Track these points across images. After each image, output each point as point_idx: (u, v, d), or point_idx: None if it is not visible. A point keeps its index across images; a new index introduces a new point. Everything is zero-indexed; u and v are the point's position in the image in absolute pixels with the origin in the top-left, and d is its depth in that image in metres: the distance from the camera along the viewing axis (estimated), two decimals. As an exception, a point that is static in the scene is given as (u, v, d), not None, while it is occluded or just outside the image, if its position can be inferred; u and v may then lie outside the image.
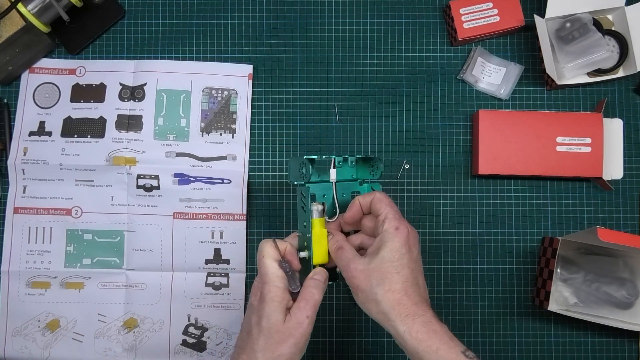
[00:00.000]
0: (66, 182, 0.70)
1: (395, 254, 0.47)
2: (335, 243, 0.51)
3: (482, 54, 0.72)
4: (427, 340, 0.45)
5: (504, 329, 0.70)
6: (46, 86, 0.72)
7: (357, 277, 0.48)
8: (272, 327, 0.47)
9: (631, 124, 0.72)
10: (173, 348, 0.69)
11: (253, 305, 0.50)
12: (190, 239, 0.70)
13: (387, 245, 0.48)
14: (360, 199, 0.52)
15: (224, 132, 0.71)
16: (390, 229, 0.48)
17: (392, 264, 0.47)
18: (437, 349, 0.45)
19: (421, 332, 0.45)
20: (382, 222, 0.49)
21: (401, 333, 0.45)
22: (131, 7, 0.74)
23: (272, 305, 0.48)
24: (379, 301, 0.47)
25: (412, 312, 0.46)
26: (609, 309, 0.66)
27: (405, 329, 0.45)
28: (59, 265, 0.70)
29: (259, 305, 0.48)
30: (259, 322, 0.48)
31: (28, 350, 0.69)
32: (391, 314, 0.46)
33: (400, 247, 0.47)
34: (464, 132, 0.72)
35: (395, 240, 0.48)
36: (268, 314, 0.47)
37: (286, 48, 0.73)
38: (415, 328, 0.45)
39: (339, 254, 0.50)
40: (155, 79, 0.72)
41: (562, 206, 0.71)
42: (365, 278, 0.47)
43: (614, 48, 0.70)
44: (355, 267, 0.48)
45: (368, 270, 0.47)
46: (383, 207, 0.50)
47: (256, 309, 0.49)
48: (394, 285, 0.47)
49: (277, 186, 0.72)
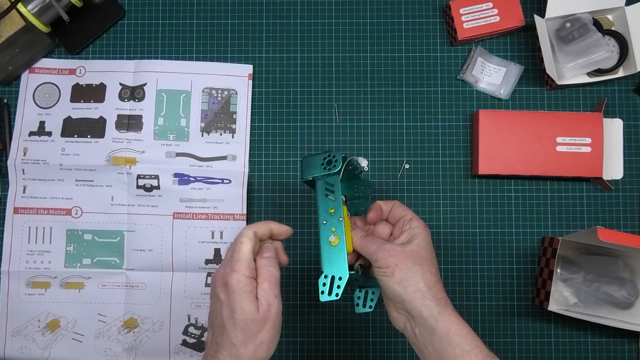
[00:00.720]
0: (66, 182, 0.70)
1: (427, 245, 0.50)
2: (361, 231, 0.53)
3: (482, 54, 0.72)
4: (459, 324, 0.47)
5: (504, 329, 0.70)
6: (46, 86, 0.72)
7: (395, 255, 0.49)
8: (247, 317, 0.46)
9: (631, 124, 0.72)
10: (173, 348, 0.69)
11: (220, 298, 0.47)
12: (190, 239, 0.70)
13: (421, 236, 0.50)
14: (382, 203, 0.55)
15: (224, 132, 0.71)
16: (420, 226, 0.51)
17: (427, 251, 0.50)
18: (466, 333, 0.47)
19: (453, 316, 0.47)
20: (409, 220, 0.52)
21: (435, 314, 0.47)
22: (131, 7, 0.74)
23: (243, 295, 0.46)
24: (418, 279, 0.48)
25: (444, 297, 0.49)
26: (609, 309, 0.66)
27: (440, 310, 0.47)
28: (59, 265, 0.70)
29: (228, 297, 0.47)
30: (233, 316, 0.46)
31: (28, 350, 0.69)
32: (428, 293, 0.48)
33: (429, 242, 0.51)
34: (464, 132, 0.72)
35: (426, 235, 0.51)
36: (241, 306, 0.46)
37: (286, 48, 0.73)
38: (448, 311, 0.47)
39: (368, 239, 0.51)
40: (155, 79, 0.72)
41: (562, 206, 0.71)
42: (404, 257, 0.49)
43: (614, 48, 0.70)
44: (392, 247, 0.49)
45: (404, 252, 0.49)
46: (407, 211, 0.53)
47: (225, 302, 0.47)
48: (431, 269, 0.49)
49: (277, 186, 0.72)
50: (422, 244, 0.50)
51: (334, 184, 0.53)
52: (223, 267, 0.49)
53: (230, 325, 0.47)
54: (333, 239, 0.52)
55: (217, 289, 0.48)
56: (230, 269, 0.47)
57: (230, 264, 0.48)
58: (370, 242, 0.51)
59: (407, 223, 0.52)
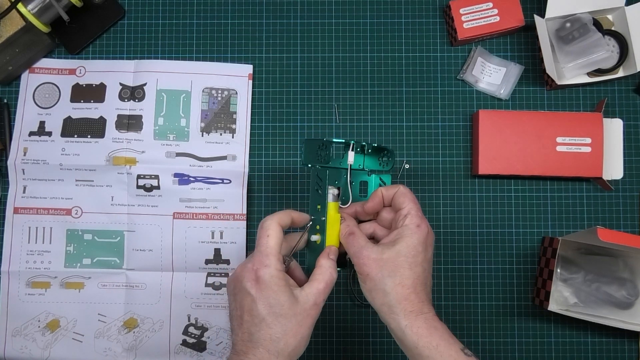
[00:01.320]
0: (66, 182, 0.70)
1: (411, 251, 0.47)
2: (346, 228, 0.51)
3: (482, 54, 0.72)
4: (428, 337, 0.45)
5: (504, 329, 0.70)
6: (46, 86, 0.72)
7: (368, 265, 0.47)
8: (287, 312, 0.45)
9: (631, 124, 0.72)
10: (173, 348, 0.69)
11: (250, 294, 0.45)
12: (190, 239, 0.70)
13: (405, 240, 0.47)
14: (383, 190, 0.52)
15: (224, 132, 0.71)
16: (411, 225, 0.48)
17: (406, 259, 0.47)
18: (437, 345, 0.45)
19: (422, 327, 0.46)
20: (403, 216, 0.49)
21: (402, 327, 0.46)
22: (131, 7, 0.74)
23: (278, 289, 0.45)
24: (387, 293, 0.47)
25: (416, 309, 0.46)
26: (609, 309, 0.66)
27: (407, 324, 0.46)
28: (59, 265, 0.70)
29: (261, 292, 0.45)
30: (272, 310, 0.45)
31: (28, 350, 0.69)
32: (396, 307, 0.46)
33: (417, 244, 0.48)
34: (464, 132, 0.72)
35: (415, 237, 0.48)
36: (278, 300, 0.45)
37: (286, 48, 0.73)
38: (417, 324, 0.46)
39: (350, 239, 0.49)
40: (155, 79, 0.72)
41: (562, 206, 0.71)
42: (377, 267, 0.47)
43: (614, 48, 0.70)
44: (368, 255, 0.47)
45: (381, 260, 0.47)
46: (406, 202, 0.49)
47: (258, 297, 0.45)
48: (405, 280, 0.47)
49: (277, 186, 0.72)
50: (404, 250, 0.47)
51: (322, 178, 0.51)
52: (250, 262, 0.47)
53: (271, 320, 0.45)
54: (315, 237, 0.51)
55: (245, 284, 0.46)
56: (260, 264, 0.46)
57: (259, 258, 0.46)
58: (351, 243, 0.49)
59: (402, 219, 0.49)
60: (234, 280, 0.48)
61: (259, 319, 0.45)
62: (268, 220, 0.48)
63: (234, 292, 0.48)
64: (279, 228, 0.48)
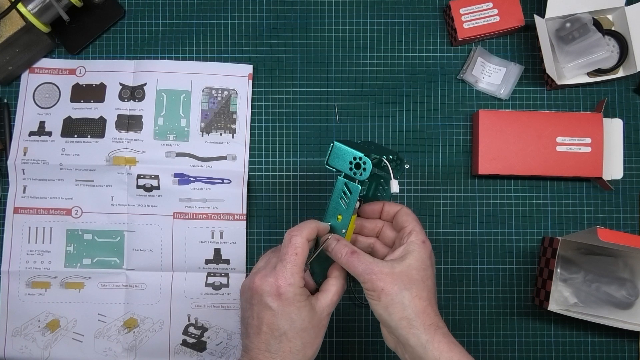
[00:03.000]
0: (66, 182, 0.70)
1: (421, 264, 0.47)
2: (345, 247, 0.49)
3: (482, 54, 0.72)
4: (449, 352, 0.45)
5: (504, 329, 0.70)
6: (46, 86, 0.72)
7: (382, 279, 0.46)
8: (307, 326, 0.46)
9: (631, 124, 0.72)
10: (173, 348, 0.69)
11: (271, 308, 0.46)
12: (190, 239, 0.70)
13: (414, 254, 0.48)
14: (386, 204, 0.53)
15: (224, 132, 0.71)
16: (418, 241, 0.48)
17: (418, 272, 0.47)
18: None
19: (443, 342, 0.45)
20: (408, 233, 0.49)
21: (423, 342, 0.45)
22: (131, 7, 0.74)
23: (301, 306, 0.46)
24: (405, 306, 0.46)
25: (434, 323, 0.46)
26: (609, 309, 0.66)
27: (428, 339, 0.45)
28: (59, 265, 0.70)
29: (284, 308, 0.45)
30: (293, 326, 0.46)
31: (28, 350, 0.69)
32: (416, 320, 0.45)
33: (425, 259, 0.48)
34: (464, 132, 0.72)
35: (422, 252, 0.48)
36: (301, 317, 0.46)
37: (286, 48, 0.73)
38: (437, 338, 0.45)
39: (354, 257, 0.48)
40: (155, 79, 0.72)
41: (562, 206, 0.71)
42: (391, 281, 0.46)
43: (614, 48, 0.70)
44: (381, 270, 0.46)
45: (394, 274, 0.46)
46: (410, 221, 0.50)
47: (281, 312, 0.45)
48: (421, 293, 0.46)
49: (277, 186, 0.72)
50: (415, 263, 0.47)
51: (353, 192, 0.50)
52: (273, 277, 0.46)
53: (292, 335, 0.46)
54: None
55: (266, 299, 0.46)
56: (285, 281, 0.46)
57: (284, 274, 0.46)
58: (357, 261, 0.47)
59: (407, 236, 0.49)
60: (252, 291, 0.47)
61: (279, 332, 0.46)
62: (298, 237, 0.47)
63: (250, 302, 0.47)
64: (307, 246, 0.48)
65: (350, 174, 0.49)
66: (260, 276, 0.47)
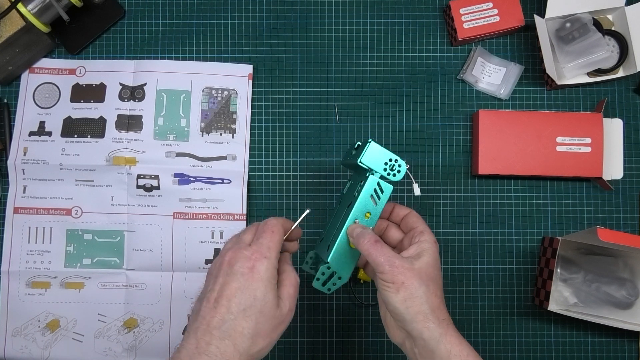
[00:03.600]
0: (66, 182, 0.70)
1: (435, 263, 0.49)
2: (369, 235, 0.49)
3: (482, 54, 0.72)
4: (460, 345, 0.47)
5: (504, 329, 0.70)
6: (46, 86, 0.72)
7: (404, 273, 0.47)
8: (267, 311, 0.44)
9: (631, 124, 0.72)
10: (173, 348, 0.69)
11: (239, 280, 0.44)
12: (190, 239, 0.70)
13: (429, 253, 0.49)
14: (396, 207, 0.55)
15: (224, 132, 0.71)
16: (430, 241, 0.50)
17: (434, 270, 0.49)
18: (467, 354, 0.47)
19: (454, 337, 0.47)
20: (420, 232, 0.51)
21: (437, 335, 0.46)
22: (131, 7, 0.74)
23: (269, 286, 0.45)
24: (423, 301, 0.47)
25: (447, 318, 0.48)
26: (609, 309, 0.66)
27: (442, 332, 0.46)
28: (59, 265, 0.70)
29: (252, 283, 0.44)
30: (254, 304, 0.44)
31: (28, 350, 0.69)
32: (431, 315, 0.47)
33: (436, 259, 0.50)
34: (464, 132, 0.72)
35: (435, 252, 0.50)
36: (265, 296, 0.44)
37: (286, 48, 0.73)
38: (449, 332, 0.47)
39: (377, 247, 0.48)
40: (155, 79, 0.72)
41: (562, 206, 0.71)
42: (412, 276, 0.47)
43: (614, 48, 0.70)
44: (402, 264, 0.47)
45: (412, 269, 0.47)
46: (420, 222, 0.52)
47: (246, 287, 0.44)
48: (437, 291, 0.48)
49: (277, 186, 0.72)
50: (431, 261, 0.49)
51: (385, 192, 0.52)
52: (248, 250, 0.46)
53: (250, 314, 0.43)
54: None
55: (237, 269, 0.44)
56: (260, 254, 0.45)
57: (260, 249, 0.46)
58: (379, 251, 0.48)
59: (418, 235, 0.51)
60: (222, 263, 0.46)
61: (238, 308, 0.43)
62: (274, 220, 0.49)
63: (216, 274, 0.46)
64: (282, 230, 0.49)
65: (385, 174, 0.52)
66: (234, 250, 0.46)
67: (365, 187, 0.52)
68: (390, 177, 0.52)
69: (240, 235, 0.49)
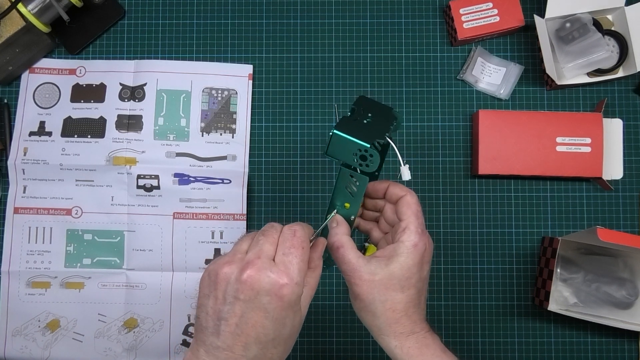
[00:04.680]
0: (66, 182, 0.70)
1: (405, 272, 0.44)
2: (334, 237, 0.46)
3: (482, 54, 0.72)
4: (419, 356, 0.44)
5: (504, 329, 0.70)
6: (46, 86, 0.72)
7: (359, 285, 0.44)
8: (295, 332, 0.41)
9: (631, 124, 0.72)
10: (173, 348, 0.69)
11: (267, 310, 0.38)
12: (190, 239, 0.70)
13: (400, 260, 0.44)
14: (391, 186, 0.48)
15: (224, 132, 0.71)
16: (408, 244, 0.44)
17: (399, 282, 0.44)
18: None
19: (413, 347, 0.44)
20: (402, 229, 0.45)
21: (392, 347, 0.45)
22: (131, 7, 0.74)
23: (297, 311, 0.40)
24: (377, 315, 0.45)
25: (407, 330, 0.45)
26: (609, 309, 0.66)
27: (397, 344, 0.45)
28: (59, 265, 0.70)
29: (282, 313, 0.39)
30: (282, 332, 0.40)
31: (28, 350, 0.69)
32: (386, 330, 0.45)
33: (412, 266, 0.44)
34: (464, 132, 0.72)
35: (410, 258, 0.44)
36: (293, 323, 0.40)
37: (286, 48, 0.73)
38: (407, 344, 0.44)
39: (340, 253, 0.45)
40: (155, 79, 0.72)
41: (562, 206, 0.71)
42: (368, 289, 0.44)
43: (614, 48, 0.70)
44: (360, 276, 0.44)
45: (372, 281, 0.44)
46: (408, 214, 0.45)
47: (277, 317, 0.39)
48: (396, 305, 0.44)
49: (277, 186, 0.72)
50: (398, 272, 0.44)
51: (360, 183, 0.46)
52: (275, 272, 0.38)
53: (278, 342, 0.40)
54: None
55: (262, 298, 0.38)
56: (290, 280, 0.38)
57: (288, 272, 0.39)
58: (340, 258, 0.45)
59: (400, 232, 0.45)
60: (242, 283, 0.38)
61: (266, 338, 0.39)
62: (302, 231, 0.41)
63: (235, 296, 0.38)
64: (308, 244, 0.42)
65: (356, 165, 0.45)
66: (257, 268, 0.38)
67: (338, 179, 0.47)
68: (364, 167, 0.45)
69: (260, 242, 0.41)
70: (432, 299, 0.70)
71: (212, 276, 0.41)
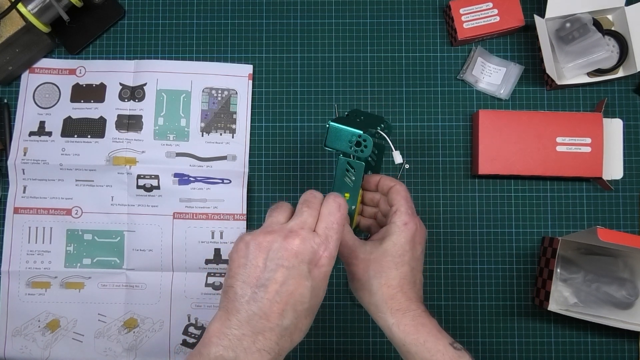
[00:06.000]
0: (66, 182, 0.70)
1: (398, 250, 0.47)
2: None
3: (482, 54, 0.72)
4: (415, 333, 0.45)
5: (504, 329, 0.70)
6: (46, 86, 0.72)
7: (355, 264, 0.48)
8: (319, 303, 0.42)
9: (631, 124, 0.72)
10: (173, 348, 0.69)
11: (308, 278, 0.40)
12: (190, 239, 0.70)
13: (392, 238, 0.47)
14: (382, 178, 0.52)
15: (224, 132, 0.71)
16: (399, 223, 0.48)
17: (393, 259, 0.47)
18: (424, 341, 0.45)
19: (409, 325, 0.46)
20: (393, 213, 0.48)
21: (389, 325, 0.46)
22: (131, 7, 0.74)
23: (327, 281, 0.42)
24: (373, 293, 0.47)
25: (403, 307, 0.46)
26: (609, 309, 0.66)
27: (394, 322, 0.46)
28: (59, 265, 0.70)
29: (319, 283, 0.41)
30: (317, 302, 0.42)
31: (28, 350, 0.69)
32: (382, 307, 0.46)
33: (404, 243, 0.47)
34: (464, 132, 0.72)
35: (402, 236, 0.47)
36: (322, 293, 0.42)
37: (286, 48, 0.73)
38: (404, 321, 0.46)
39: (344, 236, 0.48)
40: (155, 79, 0.72)
41: (562, 206, 0.71)
42: (364, 267, 0.47)
43: (614, 48, 0.70)
44: (356, 255, 0.47)
45: (368, 260, 0.47)
46: (398, 199, 0.49)
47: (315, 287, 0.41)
48: (390, 281, 0.47)
49: (277, 186, 0.72)
50: (391, 249, 0.47)
51: (357, 170, 0.50)
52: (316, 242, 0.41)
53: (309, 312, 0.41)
54: None
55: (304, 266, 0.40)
56: (329, 252, 0.41)
57: (328, 244, 0.41)
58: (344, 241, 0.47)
59: (392, 215, 0.48)
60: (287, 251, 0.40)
61: (303, 306, 0.40)
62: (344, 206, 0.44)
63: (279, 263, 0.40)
64: None
65: (352, 152, 0.50)
66: (301, 238, 0.40)
67: (337, 169, 0.51)
68: (359, 154, 0.50)
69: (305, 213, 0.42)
70: (432, 299, 0.70)
71: (252, 245, 0.41)
